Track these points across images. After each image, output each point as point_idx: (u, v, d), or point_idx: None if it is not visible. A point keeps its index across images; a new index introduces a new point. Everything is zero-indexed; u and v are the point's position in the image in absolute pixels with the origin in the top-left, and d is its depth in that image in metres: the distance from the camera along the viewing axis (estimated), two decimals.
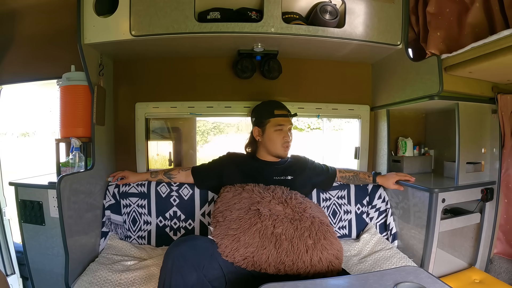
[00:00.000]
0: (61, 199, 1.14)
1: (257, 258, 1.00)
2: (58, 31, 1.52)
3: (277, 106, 1.38)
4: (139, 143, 1.63)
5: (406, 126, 1.80)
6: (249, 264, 1.01)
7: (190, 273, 0.91)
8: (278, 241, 1.02)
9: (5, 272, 1.57)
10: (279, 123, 1.34)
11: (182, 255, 0.93)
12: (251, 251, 1.01)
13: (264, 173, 1.33)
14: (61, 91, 1.38)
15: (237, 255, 1.01)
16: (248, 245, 1.02)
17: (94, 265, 1.24)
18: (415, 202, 1.38)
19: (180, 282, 0.89)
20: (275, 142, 1.34)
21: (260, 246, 1.01)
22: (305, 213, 1.13)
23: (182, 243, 0.97)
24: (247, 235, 1.04)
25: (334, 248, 1.06)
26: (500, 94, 1.37)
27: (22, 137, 7.88)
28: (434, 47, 1.33)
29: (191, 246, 0.96)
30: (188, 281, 0.90)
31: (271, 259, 0.99)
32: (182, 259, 0.92)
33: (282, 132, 1.33)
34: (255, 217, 1.08)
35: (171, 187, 1.52)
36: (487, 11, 1.29)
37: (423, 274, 0.85)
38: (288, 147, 1.36)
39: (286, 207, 1.13)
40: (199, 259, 0.95)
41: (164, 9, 1.25)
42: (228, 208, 1.14)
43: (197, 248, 0.97)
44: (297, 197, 1.22)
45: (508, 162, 1.39)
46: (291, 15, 1.35)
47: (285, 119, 1.35)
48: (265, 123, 1.36)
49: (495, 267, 1.46)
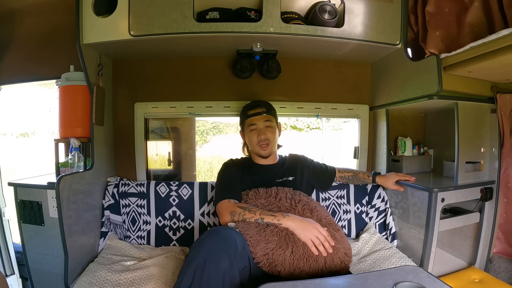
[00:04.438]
0: (60, 199, 1.13)
1: (275, 257, 1.00)
2: (57, 31, 1.52)
3: (251, 106, 1.36)
4: (138, 143, 1.62)
5: (406, 125, 1.80)
6: (267, 263, 1.00)
7: (224, 259, 0.88)
8: (294, 246, 1.01)
9: (5, 272, 1.57)
10: (252, 122, 1.33)
11: (219, 239, 0.91)
12: (270, 247, 1.01)
13: (266, 177, 1.32)
14: (60, 91, 1.38)
15: (258, 249, 1.01)
16: (268, 241, 1.02)
17: (93, 265, 1.24)
18: (415, 201, 1.38)
19: (212, 266, 0.86)
20: (251, 142, 1.33)
21: (278, 246, 1.01)
22: (312, 216, 1.13)
23: (219, 230, 0.95)
24: (267, 231, 1.04)
25: (344, 247, 1.07)
26: (499, 94, 1.37)
27: (21, 137, 7.87)
28: (433, 47, 1.33)
29: (226, 235, 0.94)
30: (222, 265, 0.87)
31: (287, 263, 0.99)
32: (219, 244, 0.90)
33: (255, 131, 1.32)
34: (271, 226, 1.07)
35: (170, 187, 1.52)
36: (486, 10, 1.29)
37: (423, 273, 0.84)
38: (267, 145, 1.31)
39: (295, 213, 1.13)
40: (233, 247, 0.92)
41: (163, 9, 1.25)
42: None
43: (232, 236, 0.95)
44: (302, 197, 1.22)
45: (507, 162, 1.39)
46: (290, 15, 1.35)
47: (257, 117, 1.32)
48: (243, 125, 1.37)
49: (495, 266, 1.46)
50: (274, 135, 1.34)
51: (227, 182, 1.28)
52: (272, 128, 1.34)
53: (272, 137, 1.33)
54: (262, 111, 1.33)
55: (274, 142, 1.35)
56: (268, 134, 1.32)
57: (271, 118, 1.35)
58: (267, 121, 1.33)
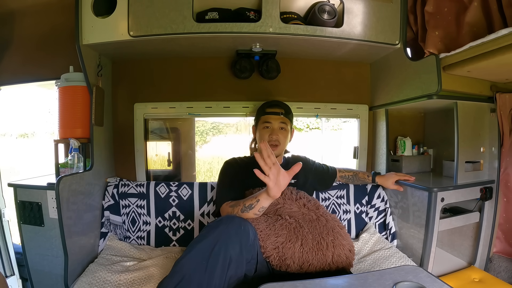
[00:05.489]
0: (60, 200, 1.13)
1: (285, 250, 1.00)
2: (57, 32, 1.52)
3: (271, 104, 1.36)
4: (138, 143, 1.62)
5: (405, 125, 1.80)
6: (277, 257, 1.00)
7: (234, 245, 0.88)
8: (304, 239, 1.02)
9: (5, 273, 1.57)
10: (267, 120, 1.31)
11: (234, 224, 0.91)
12: (280, 241, 1.01)
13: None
14: (60, 92, 1.38)
15: (269, 243, 1.01)
16: (278, 235, 1.02)
17: (93, 266, 1.24)
18: (414, 201, 1.38)
19: (222, 249, 0.86)
20: (261, 139, 1.32)
21: (288, 239, 1.02)
22: (318, 211, 1.14)
23: (235, 218, 0.95)
24: (277, 225, 1.05)
25: (348, 243, 1.09)
26: (498, 93, 1.37)
27: (21, 138, 7.87)
28: (433, 46, 1.33)
29: (241, 223, 0.94)
30: (230, 250, 0.87)
31: (297, 256, 1.00)
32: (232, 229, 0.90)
33: (269, 130, 1.31)
34: (282, 219, 1.08)
35: (170, 187, 1.52)
36: (485, 10, 1.29)
37: (422, 273, 0.84)
38: (276, 146, 1.29)
39: (301, 207, 1.14)
40: (245, 235, 0.92)
41: (162, 10, 1.25)
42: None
43: (246, 225, 0.95)
44: (306, 195, 1.23)
45: (507, 161, 1.39)
46: (290, 15, 1.35)
47: (273, 116, 1.31)
48: (258, 121, 1.36)
49: (495, 266, 1.46)
50: (286, 138, 1.34)
51: (228, 181, 1.27)
52: (286, 131, 1.33)
53: (283, 140, 1.32)
54: (280, 112, 1.32)
55: (284, 146, 1.34)
56: (280, 135, 1.30)
57: (287, 121, 1.33)
58: (283, 123, 1.32)
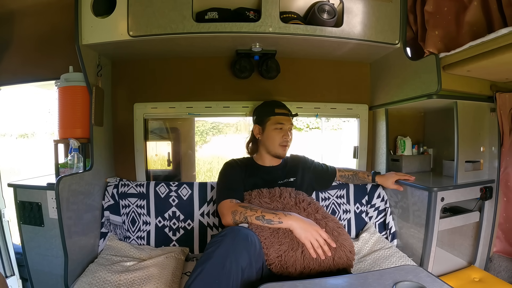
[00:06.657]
0: (60, 200, 1.14)
1: (287, 258, 1.00)
2: (56, 32, 1.52)
3: (278, 105, 1.38)
4: (138, 143, 1.62)
5: (405, 125, 1.80)
6: (279, 265, 1.00)
7: (244, 258, 0.87)
8: (305, 246, 1.01)
9: (5, 273, 1.57)
10: (279, 121, 1.33)
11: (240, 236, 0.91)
12: (283, 249, 1.01)
13: (269, 179, 1.32)
14: (60, 92, 1.38)
15: (272, 251, 1.01)
16: (281, 243, 1.02)
17: (93, 266, 1.24)
18: (414, 201, 1.38)
19: (234, 262, 0.85)
20: (274, 141, 1.33)
21: (290, 247, 1.01)
22: (318, 215, 1.14)
23: (240, 229, 0.94)
24: (280, 232, 1.04)
25: (348, 244, 1.09)
26: (498, 93, 1.37)
27: (21, 138, 7.87)
28: (432, 46, 1.33)
29: (247, 233, 0.93)
30: (241, 262, 0.86)
31: (298, 263, 0.99)
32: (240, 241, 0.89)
33: (281, 131, 1.33)
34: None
35: (170, 187, 1.52)
36: (485, 9, 1.28)
37: (422, 273, 0.84)
38: (287, 146, 1.35)
39: (301, 211, 1.14)
40: (253, 246, 0.92)
41: (162, 10, 1.25)
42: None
43: (252, 236, 0.95)
44: (305, 197, 1.23)
45: (507, 161, 1.39)
46: (289, 14, 1.35)
47: (285, 118, 1.34)
48: (266, 121, 1.35)
49: (495, 265, 1.46)
50: (292, 139, 1.38)
51: (229, 182, 1.27)
52: (292, 133, 1.38)
53: (291, 141, 1.37)
54: (290, 113, 1.37)
55: (290, 146, 1.38)
56: (291, 136, 1.36)
57: (293, 123, 1.38)
58: (292, 124, 1.37)
